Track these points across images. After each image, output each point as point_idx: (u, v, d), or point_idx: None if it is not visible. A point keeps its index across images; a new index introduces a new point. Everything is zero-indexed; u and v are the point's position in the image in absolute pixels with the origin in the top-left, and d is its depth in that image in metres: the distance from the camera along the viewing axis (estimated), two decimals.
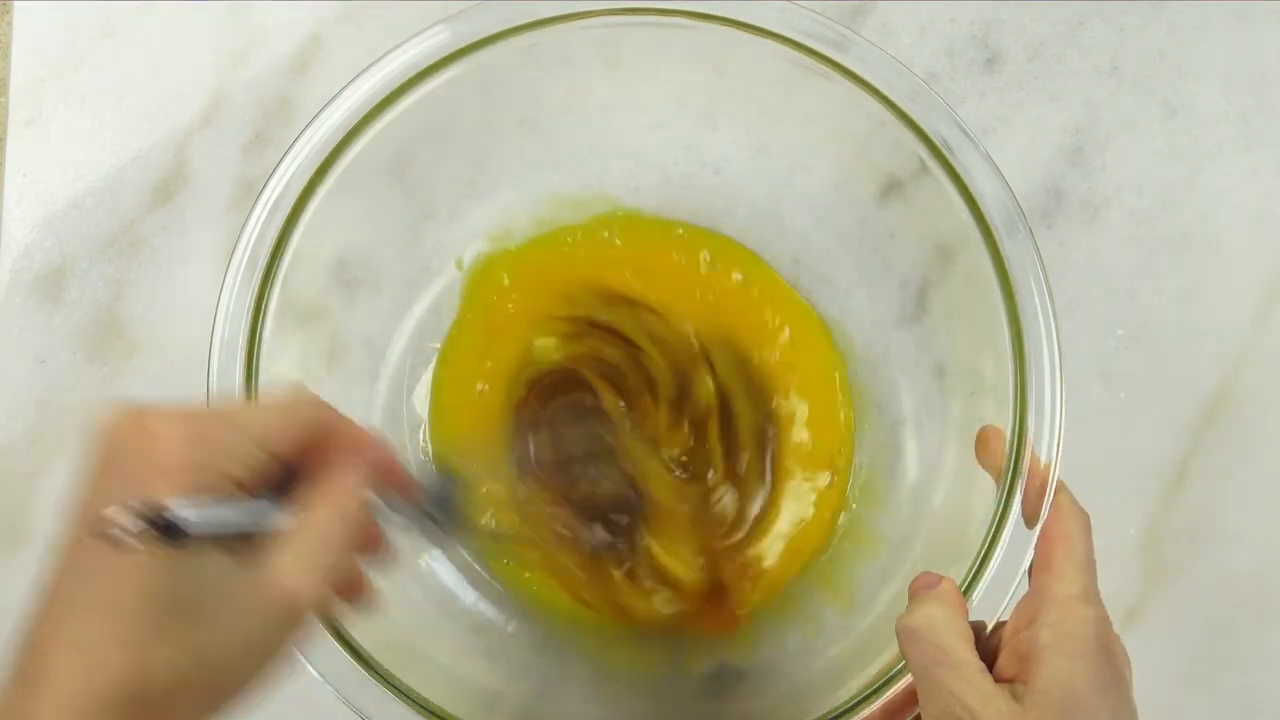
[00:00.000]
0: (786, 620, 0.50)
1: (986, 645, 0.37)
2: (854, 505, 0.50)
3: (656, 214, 0.53)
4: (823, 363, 0.52)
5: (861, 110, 0.44)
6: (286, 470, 0.32)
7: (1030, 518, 0.39)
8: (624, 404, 0.51)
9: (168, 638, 0.29)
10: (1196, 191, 0.55)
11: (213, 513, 0.29)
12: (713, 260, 0.52)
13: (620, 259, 0.53)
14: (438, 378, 0.52)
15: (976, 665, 0.35)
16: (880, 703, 0.40)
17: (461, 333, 0.52)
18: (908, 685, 0.39)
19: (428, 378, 0.52)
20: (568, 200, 0.52)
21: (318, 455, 0.33)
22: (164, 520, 0.28)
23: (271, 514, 0.32)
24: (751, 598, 0.50)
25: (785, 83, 0.46)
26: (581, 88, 0.50)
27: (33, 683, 0.28)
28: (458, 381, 0.52)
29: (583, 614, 0.50)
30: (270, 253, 0.42)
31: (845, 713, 0.40)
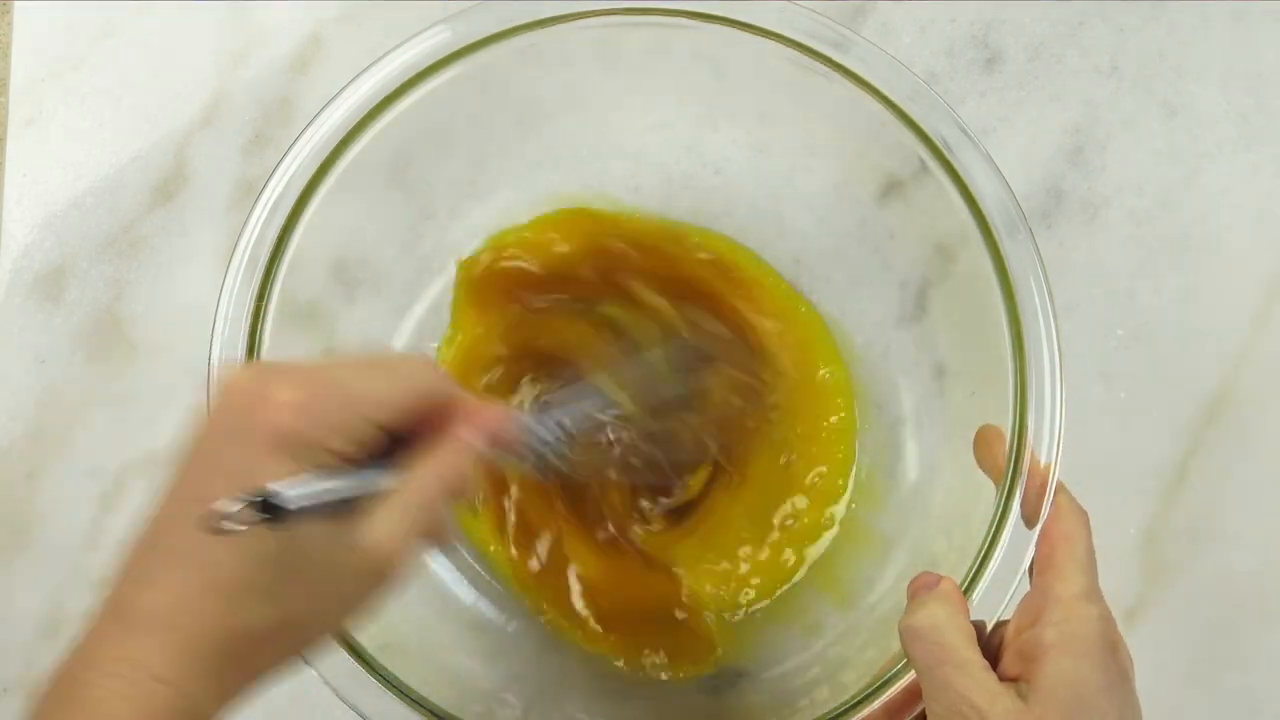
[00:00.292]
0: (786, 620, 0.50)
1: (987, 645, 0.37)
2: (853, 505, 0.50)
3: (657, 214, 0.53)
4: (822, 362, 0.52)
5: (861, 110, 0.44)
6: (394, 438, 0.33)
7: (1030, 518, 0.39)
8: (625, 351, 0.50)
9: (262, 595, 0.30)
10: (1196, 191, 0.55)
11: (316, 488, 0.30)
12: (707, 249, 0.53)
13: (612, 240, 0.52)
14: None
15: (981, 664, 0.35)
16: (881, 702, 0.39)
17: (460, 332, 0.52)
18: (908, 684, 0.39)
19: None
20: (568, 200, 0.52)
21: (430, 424, 0.34)
22: (268, 502, 0.28)
23: (374, 481, 0.32)
24: (712, 605, 0.50)
25: (785, 83, 0.46)
26: (581, 88, 0.50)
27: (128, 620, 0.29)
28: (459, 380, 0.52)
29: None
30: (270, 253, 0.43)
31: (845, 712, 0.40)
